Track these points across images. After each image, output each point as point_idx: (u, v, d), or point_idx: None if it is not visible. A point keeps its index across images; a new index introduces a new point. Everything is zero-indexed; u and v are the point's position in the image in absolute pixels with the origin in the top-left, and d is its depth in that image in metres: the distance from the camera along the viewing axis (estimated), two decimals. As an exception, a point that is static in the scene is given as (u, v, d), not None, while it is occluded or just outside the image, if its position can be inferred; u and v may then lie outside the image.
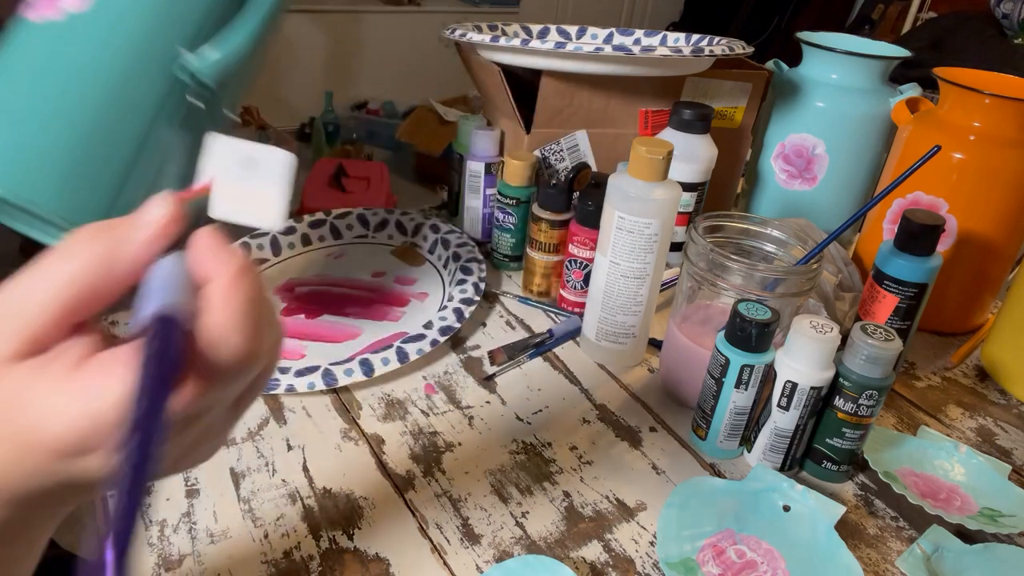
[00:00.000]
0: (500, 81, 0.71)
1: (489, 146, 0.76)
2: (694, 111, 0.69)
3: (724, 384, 0.50)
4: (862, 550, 0.48)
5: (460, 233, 0.76)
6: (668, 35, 0.82)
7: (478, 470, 0.51)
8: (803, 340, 0.48)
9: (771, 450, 0.52)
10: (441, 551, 0.45)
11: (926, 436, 0.56)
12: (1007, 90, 0.66)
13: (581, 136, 0.75)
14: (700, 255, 0.55)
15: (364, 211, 0.78)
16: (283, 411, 0.55)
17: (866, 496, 0.52)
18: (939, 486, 0.53)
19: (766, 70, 0.80)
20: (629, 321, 0.60)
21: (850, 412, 0.50)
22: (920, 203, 0.67)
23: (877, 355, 0.47)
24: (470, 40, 0.72)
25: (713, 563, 0.45)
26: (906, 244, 0.57)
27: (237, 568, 0.42)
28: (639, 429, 0.56)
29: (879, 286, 0.59)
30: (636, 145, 0.55)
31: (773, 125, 0.83)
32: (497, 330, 0.66)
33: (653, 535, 0.47)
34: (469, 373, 0.61)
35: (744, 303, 0.49)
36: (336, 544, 0.45)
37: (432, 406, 0.57)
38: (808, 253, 0.55)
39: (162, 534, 0.44)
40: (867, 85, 0.78)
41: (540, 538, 0.46)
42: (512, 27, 0.85)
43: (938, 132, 0.67)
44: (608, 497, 0.50)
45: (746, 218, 0.60)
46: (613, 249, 0.57)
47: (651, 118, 0.76)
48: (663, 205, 0.55)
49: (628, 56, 0.64)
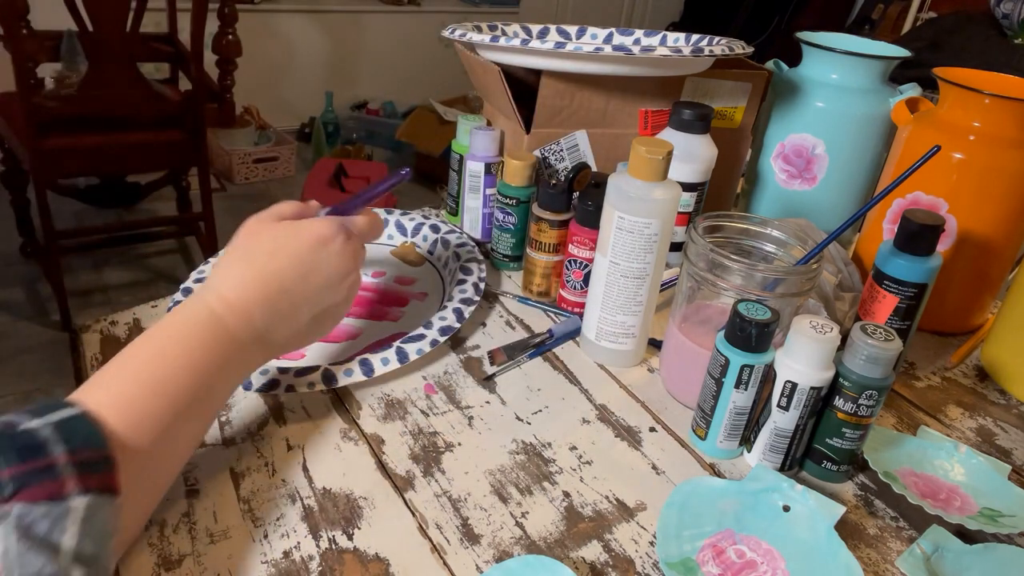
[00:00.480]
0: (500, 81, 0.71)
1: (489, 146, 0.76)
2: (694, 111, 0.69)
3: (724, 384, 0.50)
4: (862, 550, 0.48)
5: (460, 233, 0.76)
6: (668, 35, 0.82)
7: (478, 470, 0.51)
8: (803, 340, 0.48)
9: (771, 450, 0.52)
10: (441, 551, 0.45)
11: (926, 436, 0.56)
12: (1007, 90, 0.66)
13: (581, 136, 0.75)
14: (700, 255, 0.55)
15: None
16: (283, 411, 0.55)
17: (866, 496, 0.52)
18: (939, 486, 0.53)
19: (766, 70, 0.80)
20: (629, 321, 0.60)
21: (850, 412, 0.50)
22: (920, 203, 0.67)
23: (877, 355, 0.47)
24: (470, 40, 0.72)
25: (713, 563, 0.45)
26: (906, 244, 0.57)
27: (237, 568, 0.43)
28: (639, 429, 0.56)
29: (879, 286, 0.59)
30: (636, 145, 0.55)
31: (773, 125, 0.83)
32: (497, 330, 0.66)
33: (653, 535, 0.47)
34: (469, 373, 0.61)
35: (744, 303, 0.49)
36: (336, 544, 0.45)
37: (432, 406, 0.57)
38: (808, 253, 0.55)
39: (162, 534, 0.44)
40: (867, 85, 0.78)
41: (540, 538, 0.46)
42: (512, 27, 0.85)
43: (938, 132, 0.67)
44: (608, 497, 0.50)
45: (746, 218, 0.60)
46: (613, 249, 0.57)
47: (651, 118, 0.76)
48: (663, 205, 0.55)
49: (628, 56, 0.64)
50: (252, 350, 0.47)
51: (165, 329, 0.44)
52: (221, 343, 0.45)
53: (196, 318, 0.45)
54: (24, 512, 0.33)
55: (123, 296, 2.11)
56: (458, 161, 0.81)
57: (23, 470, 0.33)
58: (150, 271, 2.26)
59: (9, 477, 0.33)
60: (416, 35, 3.50)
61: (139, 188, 2.38)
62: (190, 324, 0.45)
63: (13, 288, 2.07)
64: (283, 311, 0.48)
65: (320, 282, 0.49)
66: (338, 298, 0.51)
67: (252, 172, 2.85)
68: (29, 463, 0.34)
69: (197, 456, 0.50)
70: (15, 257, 2.18)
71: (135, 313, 0.65)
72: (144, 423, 0.40)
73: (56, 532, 0.33)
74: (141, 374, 0.42)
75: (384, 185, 0.57)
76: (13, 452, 0.34)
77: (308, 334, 0.51)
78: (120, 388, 0.41)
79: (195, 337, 0.44)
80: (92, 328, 0.62)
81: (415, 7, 3.47)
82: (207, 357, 0.44)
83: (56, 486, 0.34)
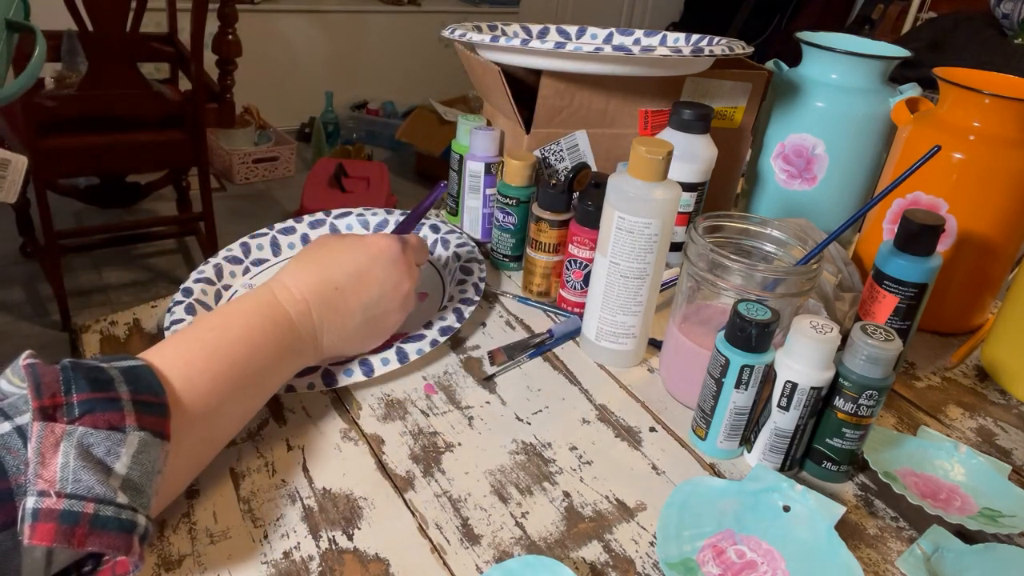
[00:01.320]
0: (500, 81, 0.71)
1: (489, 146, 0.76)
2: (694, 111, 0.69)
3: (724, 384, 0.50)
4: (862, 550, 0.48)
5: (460, 233, 0.76)
6: (668, 35, 0.82)
7: (478, 470, 0.51)
8: (803, 340, 0.48)
9: (771, 450, 0.52)
10: (441, 551, 0.45)
11: (926, 436, 0.56)
12: (1007, 90, 0.66)
13: (581, 136, 0.75)
14: (700, 255, 0.55)
15: (364, 211, 0.78)
16: (283, 411, 0.55)
17: (866, 496, 0.52)
18: (939, 486, 0.53)
19: (766, 70, 0.80)
20: (629, 321, 0.60)
21: (850, 412, 0.50)
22: (920, 203, 0.67)
23: (877, 355, 0.47)
24: (470, 40, 0.72)
25: (713, 563, 0.45)
26: (906, 244, 0.57)
27: (237, 568, 0.43)
28: (639, 429, 0.56)
29: (879, 286, 0.59)
30: (636, 145, 0.55)
31: (773, 125, 0.83)
32: (497, 330, 0.66)
33: (653, 535, 0.47)
34: (469, 373, 0.61)
35: (744, 303, 0.49)
36: (336, 544, 0.45)
37: (432, 406, 0.57)
38: (808, 253, 0.55)
39: (162, 534, 0.44)
40: (867, 85, 0.78)
41: (540, 538, 0.46)
42: (512, 27, 0.85)
43: (938, 132, 0.67)
44: (608, 497, 0.50)
45: (746, 218, 0.60)
46: (613, 249, 0.57)
47: (651, 118, 0.76)
48: (663, 205, 0.55)
49: (628, 56, 0.64)
50: (305, 342, 0.51)
51: (231, 306, 0.49)
52: (280, 327, 0.49)
53: (259, 300, 0.49)
54: (87, 434, 0.36)
55: (123, 296, 2.11)
56: (458, 161, 0.81)
57: (92, 397, 0.37)
58: (150, 271, 2.26)
59: (78, 402, 0.36)
60: (416, 35, 3.50)
61: (139, 188, 2.38)
62: (253, 305, 0.49)
63: (13, 288, 2.07)
64: (337, 309, 0.52)
65: (374, 287, 0.54)
66: (391, 306, 0.55)
67: (252, 172, 2.85)
68: (98, 392, 0.37)
69: (197, 456, 0.50)
70: (15, 257, 2.18)
71: (135, 313, 0.65)
72: (199, 382, 0.43)
73: (111, 457, 0.36)
74: (203, 340, 0.45)
75: (429, 201, 0.61)
76: (85, 381, 0.37)
77: (359, 339, 0.55)
78: (182, 348, 0.45)
79: (256, 316, 0.48)
80: (92, 328, 0.62)
81: (415, 7, 3.47)
82: (264, 337, 0.48)
83: (117, 417, 0.37)
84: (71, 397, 0.36)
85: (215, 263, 0.68)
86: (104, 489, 0.35)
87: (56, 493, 0.34)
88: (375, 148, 3.18)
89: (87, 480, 0.35)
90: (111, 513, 0.35)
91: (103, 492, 0.35)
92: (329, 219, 0.77)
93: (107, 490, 0.35)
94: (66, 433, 0.35)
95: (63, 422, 0.35)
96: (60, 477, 0.34)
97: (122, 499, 0.36)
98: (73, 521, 0.34)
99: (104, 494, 0.35)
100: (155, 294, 2.10)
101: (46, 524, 0.33)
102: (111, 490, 0.35)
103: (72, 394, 0.36)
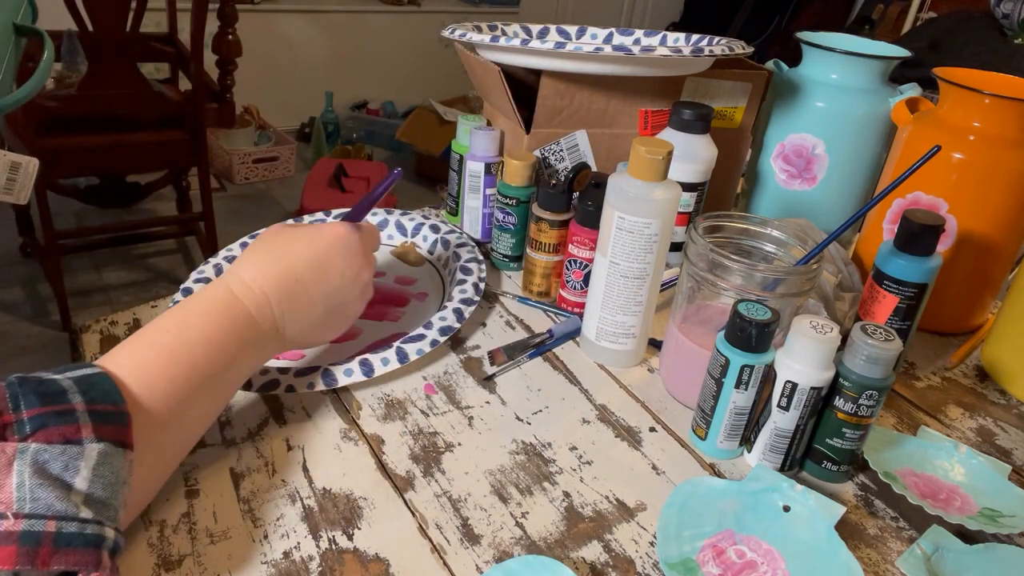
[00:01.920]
0: (500, 81, 0.71)
1: (489, 146, 0.76)
2: (694, 111, 0.69)
3: (724, 384, 0.50)
4: (862, 550, 0.48)
5: (460, 233, 0.76)
6: (668, 35, 0.82)
7: (478, 470, 0.51)
8: (803, 340, 0.48)
9: (771, 450, 0.52)
10: (441, 551, 0.45)
11: (926, 436, 0.56)
12: (1007, 90, 0.66)
13: (581, 136, 0.75)
14: (700, 255, 0.55)
15: (364, 211, 0.78)
16: (283, 411, 0.55)
17: (866, 496, 0.52)
18: (939, 486, 0.53)
19: (766, 70, 0.80)
20: (629, 321, 0.60)
21: (850, 412, 0.50)
22: (920, 203, 0.67)
23: (877, 355, 0.47)
24: (470, 40, 0.72)
25: (713, 563, 0.45)
26: (906, 244, 0.57)
27: (237, 568, 0.42)
28: (639, 429, 0.56)
29: (879, 286, 0.59)
30: (636, 145, 0.55)
31: (773, 125, 0.83)
32: (497, 330, 0.66)
33: (653, 535, 0.47)
34: (469, 373, 0.61)
35: (744, 303, 0.49)
36: (336, 544, 0.45)
37: (432, 406, 0.57)
38: (808, 253, 0.55)
39: (162, 534, 0.44)
40: (867, 85, 0.78)
41: (540, 538, 0.46)
42: (512, 27, 0.85)
43: (938, 132, 0.67)
44: (608, 497, 0.50)
45: (746, 218, 0.60)
46: (613, 249, 0.57)
47: (651, 118, 0.76)
48: (663, 205, 0.55)
49: (628, 56, 0.64)
50: (268, 335, 0.49)
51: (186, 305, 0.47)
52: (238, 323, 0.47)
53: (216, 297, 0.48)
54: (40, 450, 0.35)
55: (123, 296, 2.11)
56: (458, 161, 0.81)
57: (42, 412, 0.36)
58: (150, 271, 2.26)
59: (28, 418, 0.35)
60: (416, 35, 3.50)
61: (139, 188, 2.38)
62: (210, 302, 0.47)
63: (13, 288, 2.06)
64: (298, 300, 0.51)
65: (335, 277, 0.52)
66: (352, 295, 0.54)
67: (252, 172, 2.85)
68: (49, 406, 0.36)
69: (197, 456, 0.50)
70: (15, 257, 2.18)
71: (135, 313, 0.65)
72: (158, 387, 0.42)
73: (70, 472, 0.35)
74: (160, 342, 0.44)
75: (381, 188, 0.58)
76: (34, 396, 0.36)
77: (321, 328, 0.53)
78: (139, 353, 0.43)
79: (213, 314, 0.46)
80: (92, 328, 0.62)
81: (415, 7, 3.47)
82: (224, 335, 0.46)
83: (72, 430, 0.36)
84: (20, 413, 0.35)
85: (215, 263, 0.68)
86: (65, 505, 0.34)
87: (13, 515, 0.33)
88: (375, 148, 3.18)
89: (45, 498, 0.34)
90: (75, 529, 0.34)
91: (64, 508, 0.34)
92: (329, 219, 0.77)
93: (68, 506, 0.34)
94: (18, 451, 0.34)
95: (14, 440, 0.34)
96: (17, 497, 0.33)
97: (86, 513, 0.35)
98: (34, 542, 0.33)
99: (65, 510, 0.34)
100: (155, 294, 2.10)
101: (5, 547, 0.32)
102: (72, 505, 0.34)
103: (22, 410, 0.35)
